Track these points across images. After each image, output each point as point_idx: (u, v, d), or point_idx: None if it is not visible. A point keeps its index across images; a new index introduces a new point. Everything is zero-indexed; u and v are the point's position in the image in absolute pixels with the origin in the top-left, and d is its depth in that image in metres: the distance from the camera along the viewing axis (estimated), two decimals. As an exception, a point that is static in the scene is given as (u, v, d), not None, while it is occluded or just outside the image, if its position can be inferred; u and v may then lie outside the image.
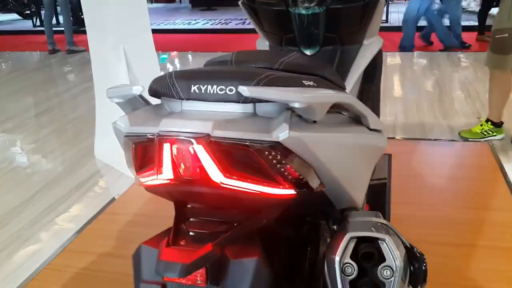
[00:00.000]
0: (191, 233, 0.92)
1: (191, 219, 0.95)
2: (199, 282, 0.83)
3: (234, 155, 0.83)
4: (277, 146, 0.81)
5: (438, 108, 3.70)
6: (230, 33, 7.53)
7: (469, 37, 5.69)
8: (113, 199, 2.60)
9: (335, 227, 1.20)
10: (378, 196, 2.14)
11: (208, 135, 0.79)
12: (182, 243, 0.88)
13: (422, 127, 3.32)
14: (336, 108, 1.04)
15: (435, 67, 4.91)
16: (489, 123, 3.09)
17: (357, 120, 1.07)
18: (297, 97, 0.81)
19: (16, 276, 2.04)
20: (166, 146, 0.81)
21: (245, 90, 0.78)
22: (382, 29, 1.72)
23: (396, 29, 6.14)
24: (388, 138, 3.05)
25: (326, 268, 0.91)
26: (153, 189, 0.94)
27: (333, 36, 1.54)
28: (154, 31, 3.17)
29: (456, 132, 3.20)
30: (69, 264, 2.03)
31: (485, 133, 3.10)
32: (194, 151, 0.80)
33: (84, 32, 3.00)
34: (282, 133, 0.80)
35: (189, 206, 0.99)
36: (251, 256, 0.86)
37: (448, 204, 2.28)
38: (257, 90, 0.79)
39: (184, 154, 0.81)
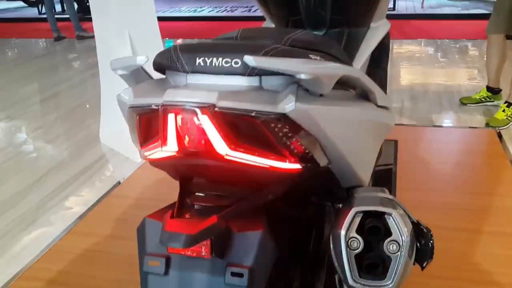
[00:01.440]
0: (196, 207, 0.92)
1: (196, 194, 0.94)
2: (203, 254, 0.83)
3: (239, 127, 0.82)
4: (283, 118, 0.80)
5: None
6: (236, 20, 7.47)
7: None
8: (118, 183, 2.60)
9: (340, 206, 1.19)
10: (384, 182, 2.13)
11: (213, 105, 0.78)
12: (186, 216, 0.87)
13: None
14: (343, 85, 1.02)
15: None
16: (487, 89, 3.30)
17: (365, 97, 1.06)
18: (304, 68, 0.80)
19: (21, 258, 2.05)
20: (171, 117, 0.80)
21: (251, 60, 0.77)
22: (389, 17, 1.70)
23: (404, 17, 6.08)
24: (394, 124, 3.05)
25: (331, 243, 0.90)
26: (158, 163, 0.93)
27: (340, 19, 1.52)
28: (160, 18, 3.15)
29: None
30: (73, 245, 2.04)
31: (483, 99, 3.32)
32: (199, 121, 0.79)
33: (91, 19, 3.00)
34: (288, 105, 0.79)
35: (194, 181, 0.98)
36: (256, 229, 0.86)
37: (454, 190, 2.26)
38: (263, 60, 0.78)
39: (188, 125, 0.80)
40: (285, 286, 1.17)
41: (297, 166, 0.87)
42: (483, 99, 3.34)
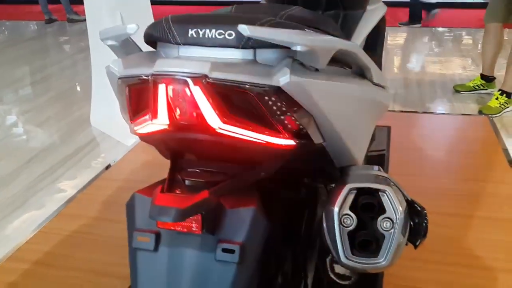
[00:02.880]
0: (187, 183, 0.90)
1: (187, 170, 0.92)
2: (194, 229, 0.80)
3: (232, 100, 0.79)
4: (277, 91, 0.78)
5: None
6: (231, 4, 7.39)
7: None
8: (109, 165, 2.57)
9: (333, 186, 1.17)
10: (376, 168, 2.12)
11: (206, 76, 0.76)
12: (177, 191, 0.85)
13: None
14: (338, 62, 1.00)
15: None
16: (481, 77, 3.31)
17: (361, 74, 1.03)
18: (300, 39, 0.77)
19: (10, 240, 2.02)
20: (161, 87, 0.77)
21: (245, 29, 0.74)
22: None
23: (400, 4, 6.03)
24: (387, 111, 3.05)
25: (324, 220, 0.88)
26: (148, 138, 0.90)
27: (336, 0, 1.50)
28: (152, 2, 3.10)
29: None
30: (62, 227, 2.02)
31: (477, 87, 3.34)
32: (191, 93, 0.76)
33: (82, 2, 2.94)
34: (283, 78, 0.77)
35: (185, 158, 0.96)
36: (248, 205, 0.84)
37: (447, 176, 2.26)
38: (257, 30, 0.75)
39: (180, 97, 0.77)
40: (277, 266, 1.16)
41: (291, 142, 0.85)
42: (476, 87, 3.34)
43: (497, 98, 3.02)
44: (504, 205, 2.01)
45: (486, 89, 3.32)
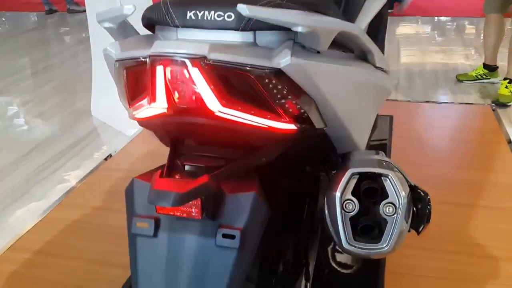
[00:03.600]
0: (186, 168, 0.88)
1: (186, 155, 0.90)
2: (194, 214, 0.79)
3: (232, 83, 0.78)
4: (278, 74, 0.77)
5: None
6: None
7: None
8: (110, 156, 2.56)
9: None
10: (378, 157, 2.11)
11: (205, 57, 0.74)
12: (176, 176, 0.84)
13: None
14: (340, 46, 0.99)
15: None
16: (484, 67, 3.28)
17: (363, 58, 1.02)
18: (302, 19, 0.76)
19: (11, 230, 2.02)
20: (159, 69, 0.76)
21: (244, 9, 0.72)
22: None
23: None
24: (390, 100, 3.03)
25: (326, 205, 0.87)
26: (146, 123, 0.89)
27: None
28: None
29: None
30: (63, 217, 2.02)
31: (479, 76, 3.31)
32: (189, 74, 0.75)
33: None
34: (283, 59, 0.76)
35: (185, 144, 0.95)
36: (249, 190, 0.83)
37: (449, 165, 2.25)
38: (257, 9, 0.73)
39: (178, 79, 0.76)
40: (278, 254, 1.15)
41: (292, 126, 0.83)
42: (479, 76, 3.32)
43: (506, 87, 3.00)
44: (506, 194, 2.00)
45: (489, 79, 3.30)
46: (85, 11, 3.04)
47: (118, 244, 1.79)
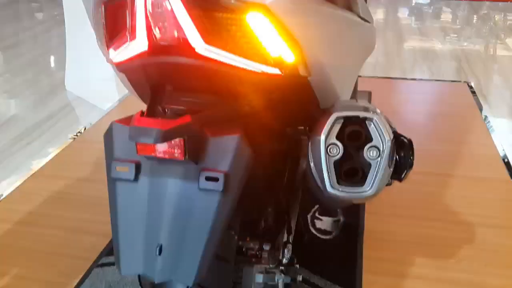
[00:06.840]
0: (168, 112, 0.86)
1: (168, 100, 0.88)
2: (176, 155, 0.77)
3: (216, 19, 0.76)
4: (263, 10, 0.75)
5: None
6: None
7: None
8: (84, 128, 2.50)
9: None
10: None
11: None
12: (158, 117, 0.81)
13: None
14: None
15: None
16: None
17: (347, 8, 1.01)
18: None
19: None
20: (139, 2, 0.73)
21: None
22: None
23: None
24: (368, 76, 3.03)
25: (310, 149, 0.86)
26: (126, 66, 0.85)
27: None
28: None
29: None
30: (38, 187, 1.97)
31: None
32: (171, 7, 0.72)
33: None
34: None
35: (166, 91, 0.92)
36: (232, 133, 0.81)
37: (426, 137, 2.28)
38: None
39: (159, 12, 0.73)
40: (259, 209, 1.15)
41: (277, 71, 0.82)
42: None
43: None
44: (481, 164, 2.04)
45: None
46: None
47: (94, 213, 1.76)
